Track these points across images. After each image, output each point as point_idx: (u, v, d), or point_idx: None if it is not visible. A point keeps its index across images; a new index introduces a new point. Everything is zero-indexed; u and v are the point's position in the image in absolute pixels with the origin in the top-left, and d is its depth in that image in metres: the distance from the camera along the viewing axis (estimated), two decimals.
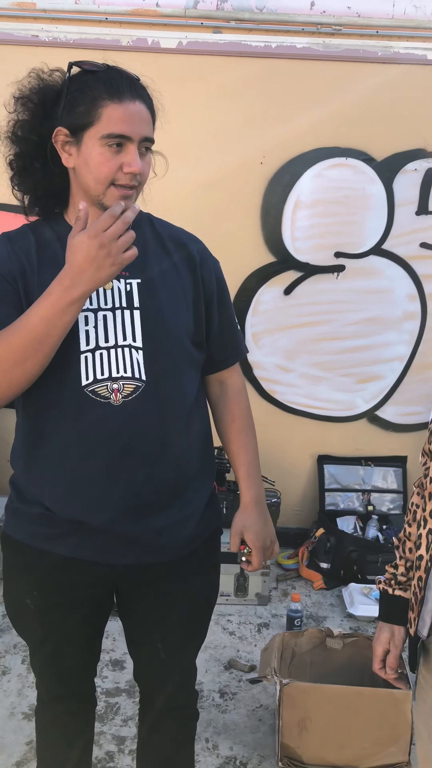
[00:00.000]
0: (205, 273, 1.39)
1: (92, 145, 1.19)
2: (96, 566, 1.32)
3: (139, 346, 1.27)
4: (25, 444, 1.32)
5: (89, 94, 1.19)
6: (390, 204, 3.09)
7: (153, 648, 1.44)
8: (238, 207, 3.06)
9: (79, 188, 1.26)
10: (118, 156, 1.20)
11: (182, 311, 1.33)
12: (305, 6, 2.88)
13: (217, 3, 2.87)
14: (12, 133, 1.27)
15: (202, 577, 1.45)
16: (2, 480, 3.15)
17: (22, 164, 1.27)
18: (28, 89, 1.26)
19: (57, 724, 1.51)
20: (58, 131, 1.22)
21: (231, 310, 1.47)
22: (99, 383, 1.24)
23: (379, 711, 1.89)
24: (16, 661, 2.42)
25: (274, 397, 3.27)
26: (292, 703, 1.91)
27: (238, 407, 1.49)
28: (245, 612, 2.81)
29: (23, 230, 1.31)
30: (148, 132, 1.23)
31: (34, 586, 1.35)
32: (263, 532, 1.44)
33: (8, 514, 1.38)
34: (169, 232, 1.39)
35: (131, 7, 2.85)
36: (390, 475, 3.33)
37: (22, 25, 2.84)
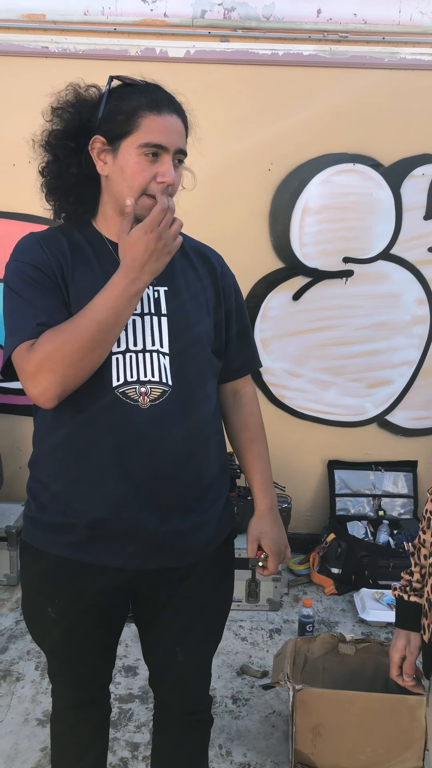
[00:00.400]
0: (225, 285, 1.44)
1: (129, 154, 1.23)
2: (114, 571, 1.32)
3: (165, 351, 1.29)
4: (52, 443, 1.33)
5: (129, 104, 1.23)
6: (398, 209, 3.10)
7: (170, 652, 1.44)
8: (246, 214, 3.07)
9: (110, 196, 1.29)
10: (153, 166, 1.23)
11: (205, 320, 1.37)
12: (312, 14, 2.89)
13: (224, 12, 2.89)
14: (47, 141, 1.31)
15: (218, 580, 1.47)
16: (14, 484, 3.20)
17: (57, 170, 1.31)
18: (65, 101, 1.30)
19: (72, 731, 1.52)
20: (95, 139, 1.25)
21: (247, 322, 1.52)
22: (129, 385, 1.26)
23: (393, 717, 1.89)
24: (29, 668, 2.43)
25: (284, 402, 3.28)
26: (306, 709, 1.91)
27: (252, 417, 1.53)
28: (257, 618, 2.82)
29: (52, 231, 1.33)
30: (183, 145, 1.27)
31: (55, 593, 1.36)
32: (278, 537, 1.49)
33: (27, 522, 1.39)
34: (192, 245, 1.44)
35: (139, 17, 2.88)
36: (400, 480, 3.32)
37: (32, 37, 2.88)
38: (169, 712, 1.54)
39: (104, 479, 1.28)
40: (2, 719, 2.17)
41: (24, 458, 3.29)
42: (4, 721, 2.17)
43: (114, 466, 1.27)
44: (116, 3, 2.89)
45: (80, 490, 1.29)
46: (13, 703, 2.25)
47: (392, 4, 2.90)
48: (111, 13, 2.89)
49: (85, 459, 1.28)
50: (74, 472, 1.30)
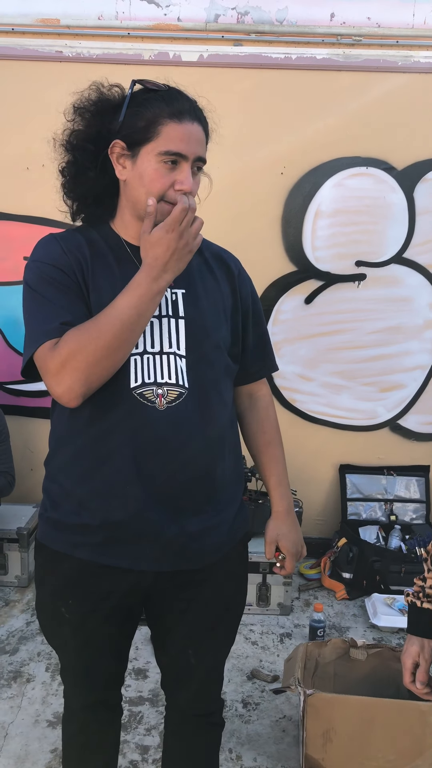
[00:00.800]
0: (243, 289, 1.45)
1: (148, 160, 1.23)
2: (130, 573, 1.32)
3: (182, 354, 1.30)
4: (67, 441, 1.33)
5: (150, 111, 1.23)
6: (411, 213, 3.09)
7: (183, 654, 1.44)
8: (259, 217, 3.07)
9: (128, 201, 1.30)
10: (171, 173, 1.24)
11: (222, 323, 1.37)
12: (325, 18, 2.90)
13: (237, 16, 2.90)
14: (67, 141, 1.31)
15: (232, 583, 1.47)
16: (25, 486, 3.21)
17: (76, 171, 1.31)
18: (87, 100, 1.30)
19: (84, 732, 1.52)
20: (115, 143, 1.25)
21: (264, 326, 1.54)
22: (146, 387, 1.27)
23: (405, 723, 1.87)
24: (40, 669, 2.44)
25: (295, 406, 3.27)
26: (317, 714, 1.90)
27: (268, 420, 1.54)
28: (267, 622, 2.81)
29: (71, 233, 1.34)
30: (202, 152, 1.27)
31: (69, 593, 1.36)
32: (296, 539, 1.52)
33: (42, 522, 1.40)
34: (211, 249, 1.44)
35: (153, 22, 2.90)
36: (413, 485, 3.30)
37: (47, 41, 2.90)
38: (180, 714, 1.54)
39: (120, 480, 1.28)
40: (13, 720, 2.18)
41: (36, 460, 3.32)
42: (15, 722, 2.17)
43: (130, 467, 1.27)
44: (130, 7, 2.90)
45: (95, 491, 1.29)
46: (24, 704, 2.26)
47: (406, 8, 2.90)
48: (125, 18, 2.90)
49: (101, 459, 1.29)
50: (89, 472, 1.30)
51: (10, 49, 2.91)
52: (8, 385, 3.28)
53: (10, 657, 2.51)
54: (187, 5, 2.89)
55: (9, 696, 2.29)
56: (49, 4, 2.89)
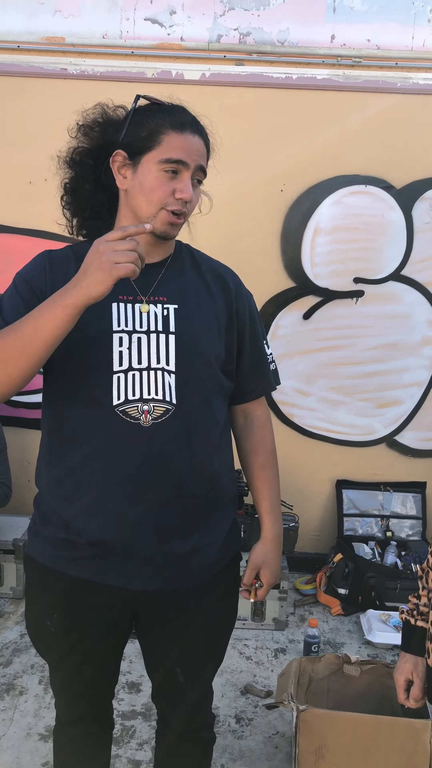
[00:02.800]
0: (240, 305, 1.42)
1: (149, 169, 1.25)
2: (116, 590, 1.32)
3: (171, 369, 1.28)
4: (51, 461, 1.34)
5: (153, 121, 1.25)
6: (409, 231, 3.12)
7: (171, 673, 1.44)
8: (259, 233, 3.11)
9: (128, 210, 1.31)
10: (172, 182, 1.25)
11: (216, 340, 1.36)
12: (326, 39, 2.95)
13: (239, 37, 2.95)
14: (71, 158, 1.34)
15: (221, 602, 1.45)
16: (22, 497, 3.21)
17: (74, 187, 1.34)
18: (92, 119, 1.33)
19: (75, 745, 1.51)
20: (117, 153, 1.28)
21: (262, 343, 1.49)
22: (130, 404, 1.26)
23: (398, 740, 1.86)
24: (33, 682, 2.43)
25: (293, 420, 3.28)
26: (309, 730, 1.89)
27: (263, 441, 1.50)
28: (262, 637, 2.80)
29: (65, 251, 1.35)
30: (203, 162, 1.29)
31: (55, 608, 1.36)
32: (277, 569, 1.48)
33: (31, 535, 1.40)
34: (208, 264, 1.43)
35: (156, 41, 2.95)
36: (409, 501, 3.31)
37: (52, 59, 2.95)
38: (170, 728, 1.53)
39: (105, 498, 1.27)
40: (4, 733, 2.17)
41: (32, 471, 3.29)
42: (7, 735, 2.16)
43: (114, 485, 1.27)
44: (134, 27, 2.95)
45: (80, 508, 1.29)
46: (16, 717, 2.24)
47: (405, 30, 2.95)
48: (129, 37, 2.95)
49: (86, 477, 1.28)
50: (75, 489, 1.29)
51: (16, 66, 2.96)
52: None
53: (3, 669, 2.50)
54: (190, 25, 2.94)
55: (1, 709, 2.28)
56: (54, 22, 2.95)
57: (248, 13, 2.93)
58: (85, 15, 2.95)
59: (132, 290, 1.30)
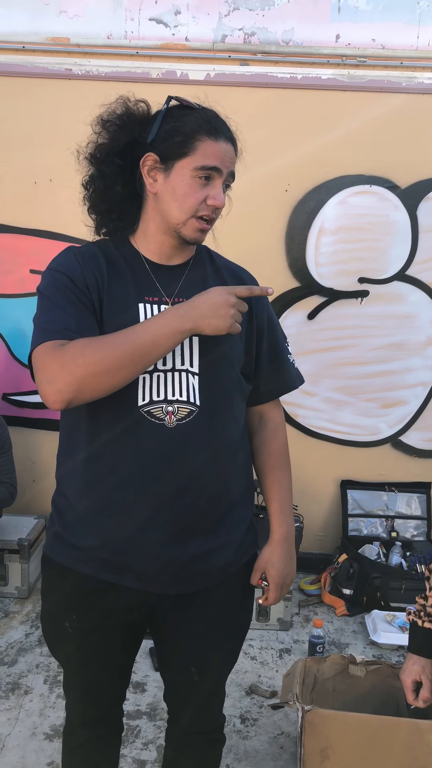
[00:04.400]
0: (259, 309, 1.42)
1: (182, 175, 1.25)
2: (133, 592, 1.32)
3: (195, 371, 1.29)
4: (73, 462, 1.33)
5: (187, 127, 1.25)
6: (414, 230, 3.12)
7: (185, 672, 1.44)
8: (263, 233, 3.10)
9: (157, 213, 1.30)
10: (204, 189, 1.26)
11: (237, 342, 1.36)
12: (330, 39, 2.94)
13: (244, 36, 2.95)
14: (91, 154, 1.32)
15: (238, 603, 1.46)
16: (27, 497, 3.21)
17: (103, 187, 1.31)
18: (115, 114, 1.31)
19: (85, 747, 1.51)
20: (148, 156, 1.26)
21: (280, 345, 1.49)
22: (155, 405, 1.26)
23: (403, 741, 1.86)
24: (38, 681, 2.43)
25: (297, 421, 3.28)
26: (314, 730, 1.89)
27: (275, 442, 1.49)
28: (267, 637, 2.80)
29: (90, 247, 1.34)
30: (234, 168, 1.31)
31: (74, 609, 1.36)
32: (286, 570, 1.44)
33: (50, 536, 1.39)
34: (227, 266, 1.44)
35: (161, 41, 2.95)
36: (414, 502, 3.30)
37: (57, 60, 2.95)
38: (182, 730, 1.53)
39: (127, 499, 1.27)
40: (10, 732, 2.17)
41: (38, 471, 3.33)
42: (12, 734, 2.16)
43: (137, 486, 1.27)
44: (139, 27, 2.96)
45: (102, 510, 1.29)
46: (21, 716, 2.25)
47: (410, 30, 2.94)
48: (133, 37, 2.96)
49: (109, 478, 1.28)
50: (97, 491, 1.30)
51: (21, 66, 2.96)
52: (12, 397, 3.30)
53: (8, 668, 2.50)
54: (195, 25, 2.94)
55: (6, 708, 2.29)
56: (59, 23, 2.95)
57: (253, 13, 2.93)
58: (89, 15, 2.95)
59: (157, 291, 1.31)
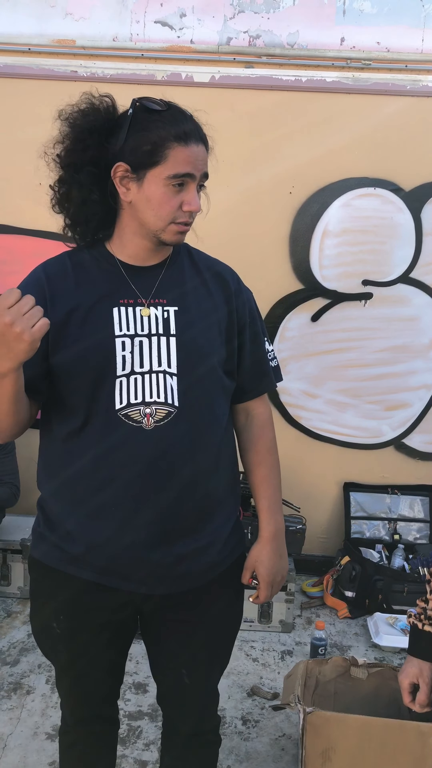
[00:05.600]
0: (239, 304, 1.41)
1: (155, 184, 1.23)
2: (121, 593, 1.32)
3: (173, 372, 1.28)
4: (52, 465, 1.34)
5: (156, 134, 1.21)
6: (418, 233, 3.12)
7: (177, 673, 1.44)
8: (267, 235, 3.11)
9: (132, 219, 1.28)
10: (179, 195, 1.24)
11: (216, 340, 1.35)
12: (335, 42, 2.95)
13: (249, 39, 2.96)
14: (61, 158, 1.29)
15: (226, 603, 1.45)
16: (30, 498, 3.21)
17: (81, 198, 1.28)
18: (78, 109, 1.28)
19: (81, 746, 1.52)
20: (119, 166, 1.24)
21: (262, 341, 1.47)
22: (132, 407, 1.26)
23: (405, 743, 1.86)
24: (40, 681, 2.43)
25: (300, 423, 3.28)
26: (316, 732, 1.89)
27: (263, 439, 1.47)
28: (269, 639, 2.80)
29: (61, 260, 1.34)
30: (206, 168, 1.28)
31: (60, 610, 1.36)
32: (276, 567, 1.43)
33: (35, 537, 1.40)
34: (206, 263, 1.42)
35: (166, 44, 2.96)
36: (417, 504, 3.30)
37: (62, 62, 2.97)
38: (176, 731, 1.53)
39: (107, 501, 1.28)
40: (12, 732, 2.17)
41: None
42: (14, 733, 2.17)
43: (118, 489, 1.27)
44: (144, 30, 2.97)
45: (83, 511, 1.29)
46: (23, 716, 2.25)
47: (415, 33, 2.95)
48: (139, 40, 2.96)
49: (88, 480, 1.28)
50: (78, 492, 1.30)
51: (26, 68, 2.98)
52: None
53: (10, 668, 2.50)
54: (200, 28, 2.95)
55: (9, 707, 2.29)
56: (65, 25, 2.96)
57: (258, 16, 2.94)
58: (95, 18, 2.96)
59: (132, 293, 1.30)
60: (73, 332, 1.26)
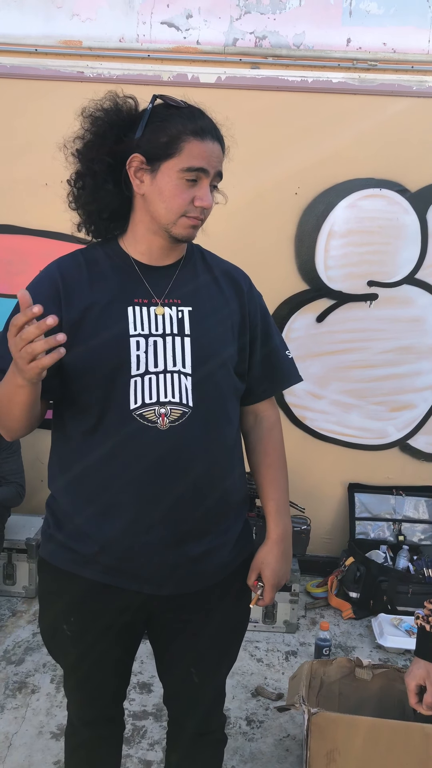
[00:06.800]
0: (252, 306, 1.42)
1: (169, 176, 1.24)
2: (130, 594, 1.32)
3: (188, 372, 1.28)
4: (65, 464, 1.34)
5: (173, 127, 1.23)
6: (423, 234, 3.12)
7: (185, 673, 1.44)
8: (273, 236, 3.11)
9: (145, 213, 1.29)
10: (191, 189, 1.25)
11: (229, 341, 1.35)
12: (341, 42, 2.95)
13: (255, 40, 2.96)
14: (79, 150, 1.31)
15: (234, 603, 1.46)
16: (35, 497, 3.23)
17: (94, 186, 1.29)
18: (102, 108, 1.30)
19: (86, 747, 1.52)
20: (134, 157, 1.26)
21: (275, 344, 1.47)
22: (147, 407, 1.26)
23: (410, 745, 1.86)
24: (45, 680, 2.44)
25: (305, 423, 3.28)
26: (320, 733, 1.89)
27: (271, 441, 1.48)
28: (273, 639, 2.80)
29: (75, 257, 1.34)
30: (221, 167, 1.29)
31: (70, 611, 1.37)
32: (282, 570, 1.44)
33: (45, 539, 1.40)
34: (219, 265, 1.43)
35: (173, 44, 2.96)
36: (421, 506, 3.29)
37: (69, 62, 2.97)
38: (182, 730, 1.53)
39: (120, 501, 1.28)
40: (17, 731, 2.18)
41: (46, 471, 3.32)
42: (19, 732, 2.17)
43: (131, 488, 1.27)
44: (150, 30, 2.97)
45: (96, 511, 1.29)
46: (28, 715, 2.26)
47: (422, 34, 2.94)
48: (145, 40, 2.97)
49: (102, 480, 1.28)
50: (91, 492, 1.30)
51: (33, 69, 2.98)
52: None
53: (15, 667, 2.51)
54: (206, 29, 2.96)
55: (14, 707, 2.30)
56: (71, 26, 2.97)
57: (264, 17, 2.94)
58: (102, 19, 2.97)
59: (147, 293, 1.31)
60: (87, 331, 1.26)
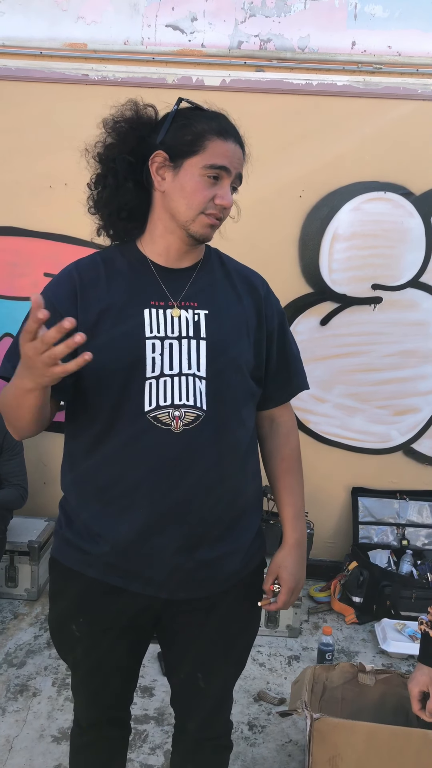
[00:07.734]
0: (268, 310, 1.42)
1: (191, 173, 1.26)
2: (140, 597, 1.32)
3: (203, 375, 1.28)
4: (78, 466, 1.33)
5: (198, 126, 1.26)
6: (428, 237, 3.11)
7: (192, 678, 1.43)
8: (277, 239, 3.11)
9: (165, 211, 1.30)
10: (213, 188, 1.27)
11: (245, 346, 1.35)
12: (346, 46, 2.95)
13: (260, 43, 2.96)
14: (99, 153, 1.33)
15: (245, 609, 1.45)
16: (38, 499, 3.22)
17: (116, 184, 1.31)
18: (124, 115, 1.32)
19: (92, 748, 1.52)
20: (157, 154, 1.27)
21: (290, 348, 1.48)
22: (161, 410, 1.25)
23: (413, 751, 1.84)
24: (46, 683, 2.43)
25: (309, 427, 3.27)
26: (323, 739, 1.87)
27: (288, 446, 1.48)
28: (275, 643, 2.78)
29: (93, 259, 1.35)
30: (241, 170, 1.32)
31: (81, 612, 1.36)
32: (299, 574, 1.45)
33: (57, 539, 1.39)
34: (237, 268, 1.43)
35: (177, 47, 2.96)
36: (425, 510, 3.28)
37: (74, 65, 2.98)
38: (188, 735, 1.52)
39: (134, 504, 1.27)
40: (18, 734, 2.17)
41: (48, 474, 3.34)
42: (20, 736, 2.17)
43: (144, 492, 1.26)
44: (155, 33, 2.97)
45: (110, 515, 1.29)
46: (29, 718, 2.25)
47: (426, 37, 2.94)
48: (150, 43, 2.97)
49: (116, 484, 1.28)
50: (103, 493, 1.29)
51: (38, 72, 2.99)
52: None
53: (17, 670, 2.50)
54: (211, 32, 2.96)
55: (15, 710, 2.29)
56: (76, 29, 2.97)
57: (269, 20, 2.94)
58: (106, 21, 2.97)
59: (164, 296, 1.30)
60: (103, 332, 1.26)
